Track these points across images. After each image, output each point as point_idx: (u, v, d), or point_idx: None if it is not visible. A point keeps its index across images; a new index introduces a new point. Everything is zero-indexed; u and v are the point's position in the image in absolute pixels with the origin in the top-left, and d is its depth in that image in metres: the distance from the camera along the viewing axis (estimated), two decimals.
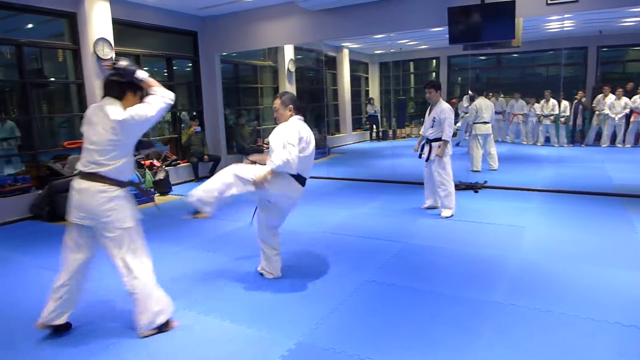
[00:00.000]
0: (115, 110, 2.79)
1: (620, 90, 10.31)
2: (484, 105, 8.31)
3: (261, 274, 3.92)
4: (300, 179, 3.58)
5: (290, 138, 3.40)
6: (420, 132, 5.98)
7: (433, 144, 5.62)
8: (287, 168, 3.36)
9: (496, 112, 10.14)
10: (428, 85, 5.68)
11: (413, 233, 5.00)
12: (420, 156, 5.85)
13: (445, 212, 5.58)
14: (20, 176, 6.63)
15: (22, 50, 6.49)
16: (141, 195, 6.74)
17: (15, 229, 5.96)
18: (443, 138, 5.50)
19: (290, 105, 3.64)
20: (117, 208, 2.86)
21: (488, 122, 8.34)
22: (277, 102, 3.65)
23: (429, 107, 5.74)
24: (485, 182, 7.27)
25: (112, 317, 3.27)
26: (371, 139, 14.28)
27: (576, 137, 11.01)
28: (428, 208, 5.96)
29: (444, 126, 5.47)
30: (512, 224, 5.20)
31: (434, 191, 5.85)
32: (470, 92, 9.36)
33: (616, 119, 10.35)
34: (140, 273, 2.90)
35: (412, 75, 14.38)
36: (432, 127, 5.60)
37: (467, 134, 8.90)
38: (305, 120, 3.70)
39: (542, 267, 3.90)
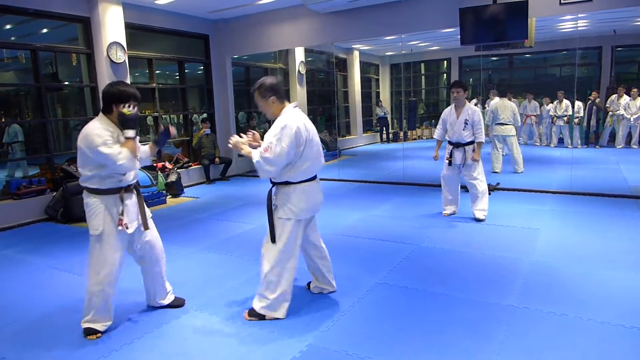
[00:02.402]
0: (85, 129, 2.96)
1: (636, 90, 10.16)
2: (501, 107, 8.20)
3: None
4: (314, 178, 3.20)
5: (282, 141, 2.91)
6: (435, 136, 5.69)
7: (467, 147, 5.37)
8: (265, 174, 3.01)
9: None
10: (456, 84, 5.35)
11: (425, 235, 4.97)
12: (450, 163, 5.52)
13: (480, 214, 5.39)
14: (35, 178, 6.73)
15: (37, 55, 6.58)
16: (154, 197, 6.80)
17: (30, 230, 6.04)
18: (477, 140, 5.31)
19: (272, 97, 3.05)
20: (88, 214, 2.98)
21: (506, 124, 8.21)
22: (256, 96, 3.10)
23: (451, 109, 5.46)
24: (498, 183, 7.21)
25: (127, 319, 3.29)
26: (382, 141, 14.25)
27: (590, 138, 10.87)
28: (450, 215, 5.72)
29: (479, 128, 5.27)
30: (526, 226, 5.15)
31: (456, 196, 5.68)
32: (478, 96, 9.31)
33: (631, 119, 10.20)
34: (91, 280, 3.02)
35: (423, 77, 14.33)
36: (464, 129, 5.34)
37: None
38: (315, 123, 3.44)
39: (556, 270, 3.85)
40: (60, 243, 5.35)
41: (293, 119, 2.99)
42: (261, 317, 3.15)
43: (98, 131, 2.89)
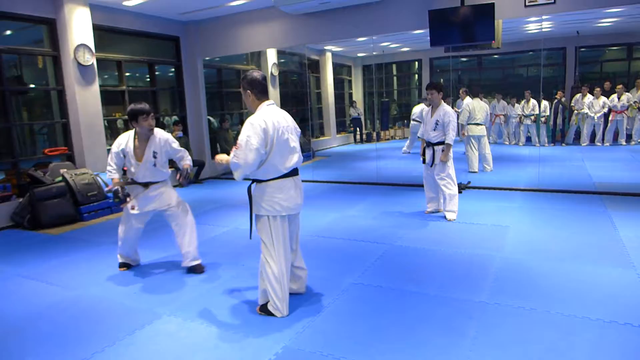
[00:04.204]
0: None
1: (598, 89, 10.53)
2: (478, 107, 8.35)
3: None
4: (288, 174, 3.14)
5: (250, 144, 2.94)
6: (419, 135, 5.84)
7: (436, 147, 5.51)
8: (238, 173, 3.03)
9: None
10: (430, 86, 5.50)
11: (398, 234, 5.03)
12: (424, 161, 5.69)
13: (450, 215, 5.50)
14: (1, 184, 6.51)
15: (1, 57, 6.38)
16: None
17: None
18: (446, 141, 5.40)
19: (249, 91, 3.10)
20: None
21: (481, 124, 8.38)
22: (241, 87, 3.17)
23: (429, 109, 5.60)
24: (469, 182, 7.35)
25: (99, 326, 3.23)
26: (355, 142, 14.34)
27: (557, 136, 11.20)
28: (432, 212, 5.85)
29: (448, 129, 5.37)
30: (496, 223, 5.27)
31: (437, 194, 5.77)
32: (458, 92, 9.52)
33: (595, 117, 10.56)
34: None
35: (395, 78, 14.49)
36: (434, 130, 5.47)
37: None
38: None
39: (525, 265, 3.96)
40: (28, 250, 5.20)
41: (262, 117, 3.01)
42: (270, 314, 3.22)
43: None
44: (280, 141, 3.06)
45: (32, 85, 7.77)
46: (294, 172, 3.19)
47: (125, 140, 4.09)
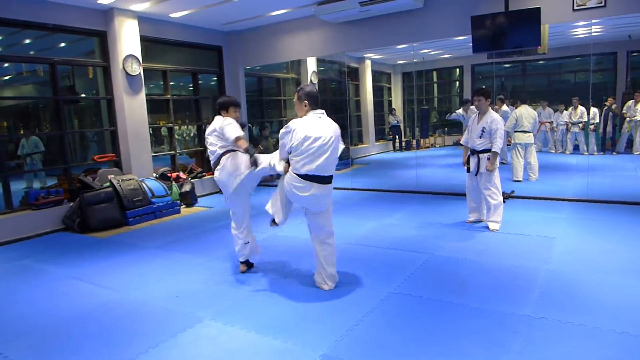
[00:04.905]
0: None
1: None
2: (525, 114, 8.13)
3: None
4: (309, 178, 3.52)
5: (281, 139, 3.60)
6: (461, 142, 5.73)
7: (481, 155, 5.37)
8: (273, 170, 3.77)
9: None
10: (477, 92, 5.41)
11: (439, 244, 4.94)
12: (468, 170, 5.54)
13: (493, 226, 5.35)
14: (53, 189, 6.84)
15: (55, 68, 6.73)
16: (168, 207, 6.87)
17: (48, 240, 6.13)
18: (493, 149, 5.26)
19: (305, 101, 3.61)
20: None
21: (529, 132, 8.15)
22: (295, 97, 3.69)
23: (475, 116, 5.50)
24: (513, 192, 7.13)
25: (143, 327, 3.32)
26: (394, 150, 14.21)
27: (607, 144, 10.72)
28: (474, 222, 5.71)
29: (495, 137, 5.23)
30: (542, 234, 5.08)
31: (479, 204, 5.65)
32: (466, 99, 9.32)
33: None
34: None
35: (435, 85, 14.30)
36: (480, 137, 5.33)
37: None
38: None
39: (573, 279, 3.80)
40: (77, 253, 5.42)
41: (297, 122, 3.55)
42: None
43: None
44: (306, 145, 3.47)
45: (83, 95, 8.16)
46: (314, 179, 3.54)
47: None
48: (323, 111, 3.65)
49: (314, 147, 3.49)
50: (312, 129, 3.51)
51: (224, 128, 4.00)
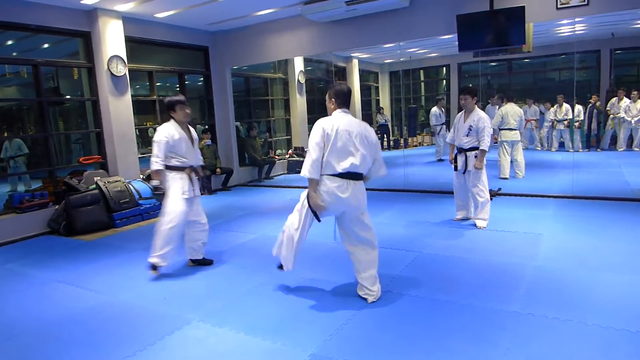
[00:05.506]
0: None
1: (636, 92, 10.19)
2: (511, 112, 8.17)
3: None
4: (344, 176, 3.40)
5: (311, 140, 3.41)
6: (447, 140, 5.73)
7: (469, 153, 5.38)
8: (312, 175, 3.36)
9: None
10: (463, 91, 5.40)
11: (428, 242, 4.96)
12: (455, 168, 5.54)
13: (481, 223, 5.38)
14: (38, 192, 6.74)
15: (39, 70, 6.63)
16: (155, 208, 6.81)
17: (34, 244, 6.04)
18: (481, 148, 5.27)
19: (333, 99, 3.55)
20: None
21: (515, 129, 8.21)
22: (327, 95, 3.60)
23: (462, 114, 5.50)
24: (499, 189, 7.20)
25: (129, 330, 3.29)
26: (382, 149, 14.25)
27: (591, 141, 10.87)
28: (461, 220, 5.75)
29: (483, 135, 5.23)
30: (529, 231, 5.13)
31: (466, 202, 5.67)
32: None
33: (632, 122, 10.21)
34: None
35: (422, 84, 14.38)
36: (467, 135, 5.34)
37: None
38: None
39: (560, 275, 3.84)
40: (63, 256, 5.35)
41: (324, 120, 3.45)
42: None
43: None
44: (337, 143, 3.36)
45: (68, 96, 8.06)
46: (349, 176, 3.41)
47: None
48: (348, 110, 3.57)
49: (351, 142, 3.40)
50: (343, 124, 3.42)
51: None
